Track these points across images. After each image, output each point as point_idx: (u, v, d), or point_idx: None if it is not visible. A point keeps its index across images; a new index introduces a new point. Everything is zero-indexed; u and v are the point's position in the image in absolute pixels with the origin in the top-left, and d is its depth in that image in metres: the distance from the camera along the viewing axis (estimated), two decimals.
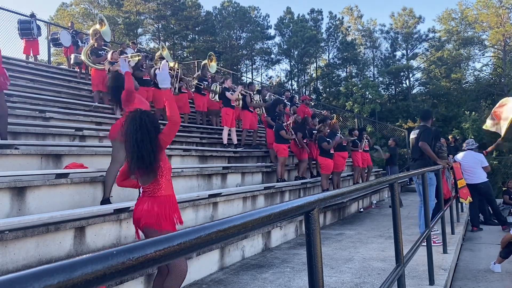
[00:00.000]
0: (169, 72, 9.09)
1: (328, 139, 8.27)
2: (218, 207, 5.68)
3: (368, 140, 10.78)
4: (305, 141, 9.10)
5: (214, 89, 10.09)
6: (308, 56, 39.69)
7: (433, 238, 5.67)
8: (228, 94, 9.16)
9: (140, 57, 8.26)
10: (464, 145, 8.73)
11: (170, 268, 2.76)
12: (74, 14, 37.16)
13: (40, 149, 5.05)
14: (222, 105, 9.62)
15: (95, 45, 8.75)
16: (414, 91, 38.07)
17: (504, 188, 10.96)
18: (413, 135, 6.00)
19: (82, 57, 8.61)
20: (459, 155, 8.27)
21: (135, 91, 4.25)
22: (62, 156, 5.08)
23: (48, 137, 5.93)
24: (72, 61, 11.09)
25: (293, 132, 8.59)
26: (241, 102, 9.65)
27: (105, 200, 4.45)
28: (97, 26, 8.95)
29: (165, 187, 2.84)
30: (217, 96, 10.05)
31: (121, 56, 7.79)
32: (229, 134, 9.22)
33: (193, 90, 10.55)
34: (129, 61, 7.86)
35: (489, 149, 9.43)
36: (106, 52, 8.68)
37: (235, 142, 9.28)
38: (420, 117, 6.26)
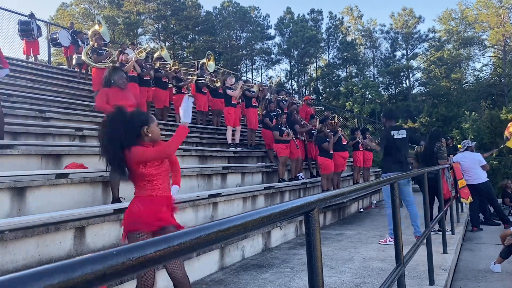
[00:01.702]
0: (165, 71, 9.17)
1: (327, 140, 8.28)
2: (218, 207, 5.68)
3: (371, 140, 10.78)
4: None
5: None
6: (308, 56, 39.69)
7: (389, 237, 5.63)
8: (229, 91, 9.16)
9: (146, 50, 8.33)
10: (460, 146, 8.76)
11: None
12: (74, 14, 37.16)
13: (40, 149, 5.05)
14: (224, 105, 9.63)
15: (95, 45, 8.76)
16: (414, 91, 38.09)
17: (503, 189, 10.89)
18: (399, 135, 5.67)
19: (83, 57, 8.63)
20: (458, 156, 8.28)
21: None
22: (62, 156, 5.08)
23: (48, 137, 5.93)
24: (74, 62, 11.07)
25: (290, 132, 8.57)
26: (245, 100, 9.67)
27: (116, 200, 4.48)
28: (96, 27, 8.97)
29: (139, 189, 2.75)
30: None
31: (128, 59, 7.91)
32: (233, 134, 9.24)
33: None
34: (135, 59, 7.97)
35: (485, 155, 9.49)
36: (107, 51, 8.69)
37: (237, 141, 9.27)
38: (387, 117, 5.92)
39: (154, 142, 2.78)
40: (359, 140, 10.23)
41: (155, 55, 10.61)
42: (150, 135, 2.71)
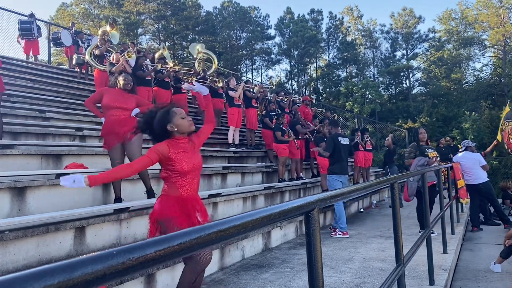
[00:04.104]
0: (166, 71, 9.17)
1: (325, 140, 8.28)
2: (218, 207, 5.68)
3: (370, 140, 10.77)
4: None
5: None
6: (308, 56, 39.69)
7: (339, 231, 6.43)
8: (231, 92, 9.19)
9: (133, 54, 8.28)
10: (460, 146, 8.74)
11: (192, 257, 2.76)
12: (74, 14, 37.18)
13: (40, 149, 5.05)
14: (228, 105, 9.65)
15: (99, 45, 8.75)
16: (414, 91, 38.09)
17: (502, 190, 10.85)
18: (344, 141, 6.58)
19: (86, 56, 8.62)
20: (458, 156, 8.27)
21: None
22: (62, 156, 5.08)
23: (48, 137, 5.93)
24: (74, 62, 11.09)
25: (291, 133, 8.57)
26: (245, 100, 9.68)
27: (117, 199, 4.53)
28: (107, 28, 8.95)
29: (167, 188, 2.83)
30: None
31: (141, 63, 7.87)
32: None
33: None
34: (128, 61, 7.89)
35: (488, 150, 9.47)
36: (111, 53, 8.69)
37: (237, 142, 9.29)
38: (333, 125, 6.90)
39: (188, 133, 2.86)
40: (358, 141, 10.23)
41: (156, 55, 10.57)
42: (176, 129, 2.79)
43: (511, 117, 8.87)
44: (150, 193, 4.70)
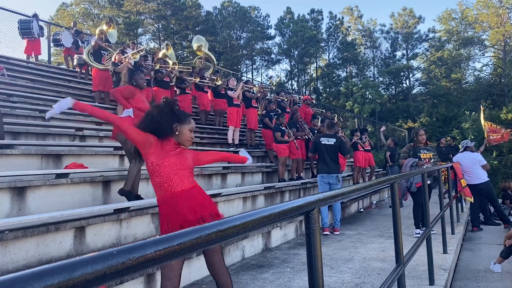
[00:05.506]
0: (167, 70, 9.14)
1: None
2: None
3: (368, 140, 10.76)
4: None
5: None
6: (308, 56, 39.69)
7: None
8: (230, 92, 9.20)
9: (141, 53, 8.29)
10: (460, 146, 8.76)
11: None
12: (74, 14, 37.19)
13: (40, 149, 5.05)
14: (227, 105, 9.65)
15: (97, 45, 8.75)
16: (414, 91, 38.11)
17: (503, 190, 10.85)
18: (327, 141, 6.59)
19: (84, 56, 8.63)
20: (458, 156, 8.26)
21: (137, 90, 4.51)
22: (62, 156, 5.09)
23: (48, 137, 5.93)
24: (75, 62, 11.11)
25: (291, 134, 8.56)
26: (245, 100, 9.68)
27: (125, 192, 4.49)
28: (104, 27, 8.96)
29: (155, 189, 2.74)
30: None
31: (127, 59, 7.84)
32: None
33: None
34: (129, 60, 7.90)
35: (481, 149, 9.52)
36: (109, 52, 8.69)
37: (237, 142, 9.30)
38: (327, 127, 6.82)
39: (183, 145, 2.81)
40: (357, 141, 10.24)
41: (160, 54, 10.51)
42: (177, 133, 2.73)
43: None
44: (127, 195, 4.53)
